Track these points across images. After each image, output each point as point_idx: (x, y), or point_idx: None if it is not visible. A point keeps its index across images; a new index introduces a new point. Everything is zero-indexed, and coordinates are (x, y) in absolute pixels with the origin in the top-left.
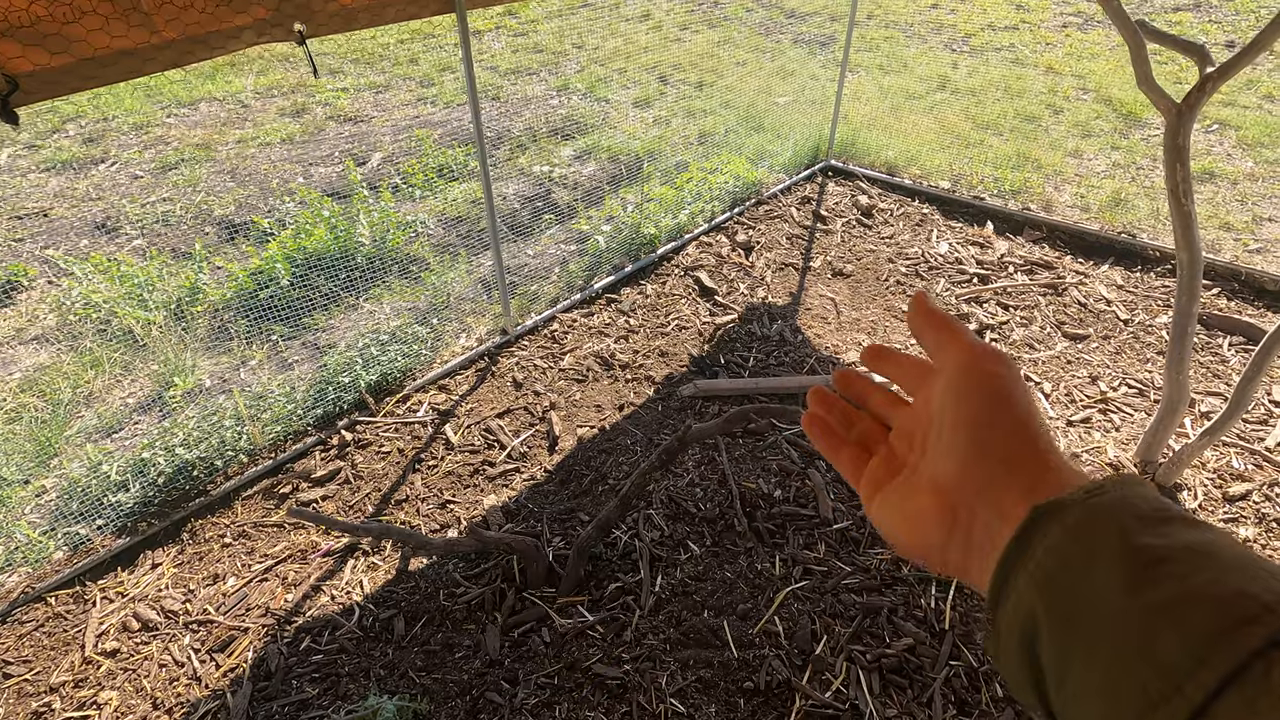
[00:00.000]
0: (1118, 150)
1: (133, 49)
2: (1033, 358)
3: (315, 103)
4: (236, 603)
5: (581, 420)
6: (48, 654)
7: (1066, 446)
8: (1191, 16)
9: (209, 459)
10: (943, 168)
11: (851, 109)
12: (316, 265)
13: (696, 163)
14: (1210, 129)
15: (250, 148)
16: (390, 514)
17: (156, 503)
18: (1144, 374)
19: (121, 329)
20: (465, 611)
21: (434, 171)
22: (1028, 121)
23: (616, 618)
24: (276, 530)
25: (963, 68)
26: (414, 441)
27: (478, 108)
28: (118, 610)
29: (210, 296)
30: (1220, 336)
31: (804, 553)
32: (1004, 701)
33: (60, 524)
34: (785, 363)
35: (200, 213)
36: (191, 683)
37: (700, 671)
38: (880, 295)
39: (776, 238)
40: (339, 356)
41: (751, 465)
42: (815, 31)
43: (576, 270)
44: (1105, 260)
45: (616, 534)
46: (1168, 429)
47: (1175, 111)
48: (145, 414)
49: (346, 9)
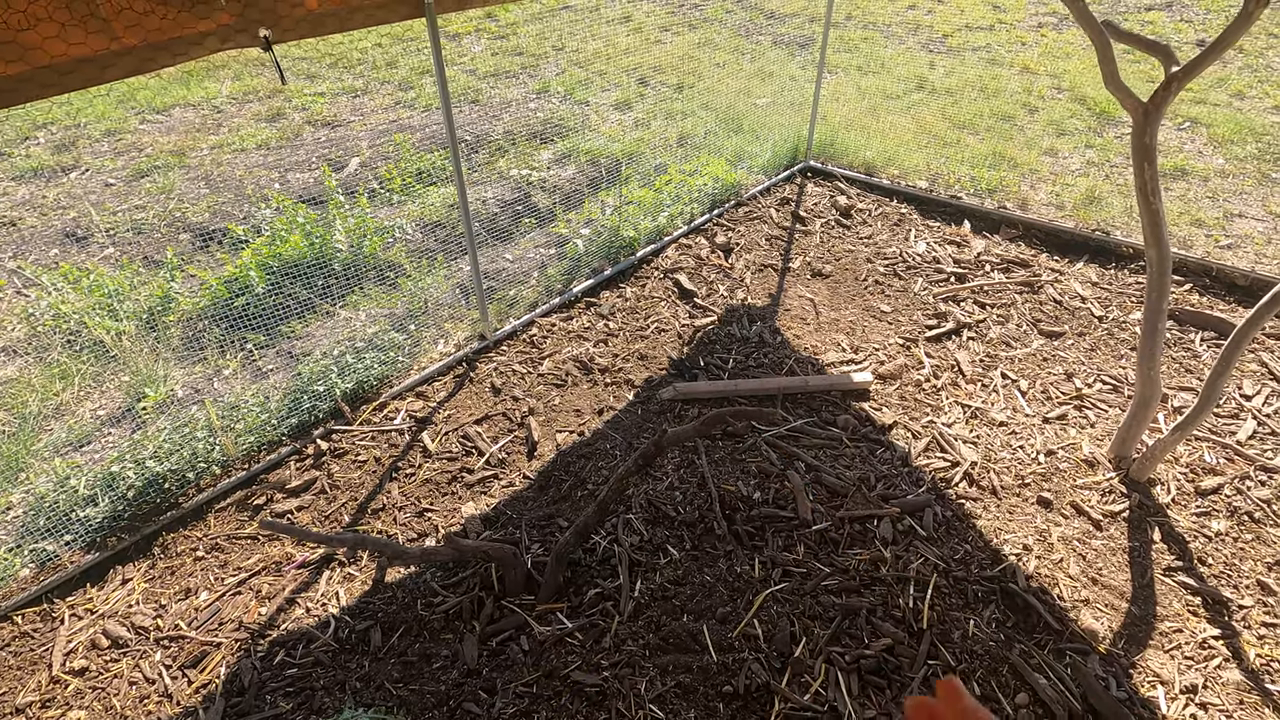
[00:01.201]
0: (1092, 148)
1: (92, 56)
2: (1009, 355)
3: (292, 108)
4: (209, 617)
5: (560, 425)
6: (14, 674)
7: (1043, 444)
8: (1164, 16)
9: (181, 471)
10: (920, 167)
11: (830, 109)
12: (292, 272)
13: (676, 165)
14: (1181, 126)
15: (225, 154)
16: (367, 524)
17: (126, 517)
18: (1118, 370)
19: (91, 340)
20: (443, 621)
21: (412, 176)
22: (1004, 121)
23: (595, 624)
24: (250, 543)
25: (940, 68)
26: (391, 450)
27: (450, 112)
28: (86, 628)
29: (183, 305)
30: (1192, 332)
31: (783, 555)
32: (981, 700)
33: (26, 540)
34: (765, 364)
35: (173, 220)
36: (163, 700)
37: (680, 676)
38: (859, 295)
39: (756, 239)
40: (314, 365)
41: (730, 468)
42: (794, 33)
43: (555, 274)
44: (1080, 258)
45: (596, 539)
46: (1141, 425)
47: (1142, 111)
48: (116, 426)
49: (313, 14)
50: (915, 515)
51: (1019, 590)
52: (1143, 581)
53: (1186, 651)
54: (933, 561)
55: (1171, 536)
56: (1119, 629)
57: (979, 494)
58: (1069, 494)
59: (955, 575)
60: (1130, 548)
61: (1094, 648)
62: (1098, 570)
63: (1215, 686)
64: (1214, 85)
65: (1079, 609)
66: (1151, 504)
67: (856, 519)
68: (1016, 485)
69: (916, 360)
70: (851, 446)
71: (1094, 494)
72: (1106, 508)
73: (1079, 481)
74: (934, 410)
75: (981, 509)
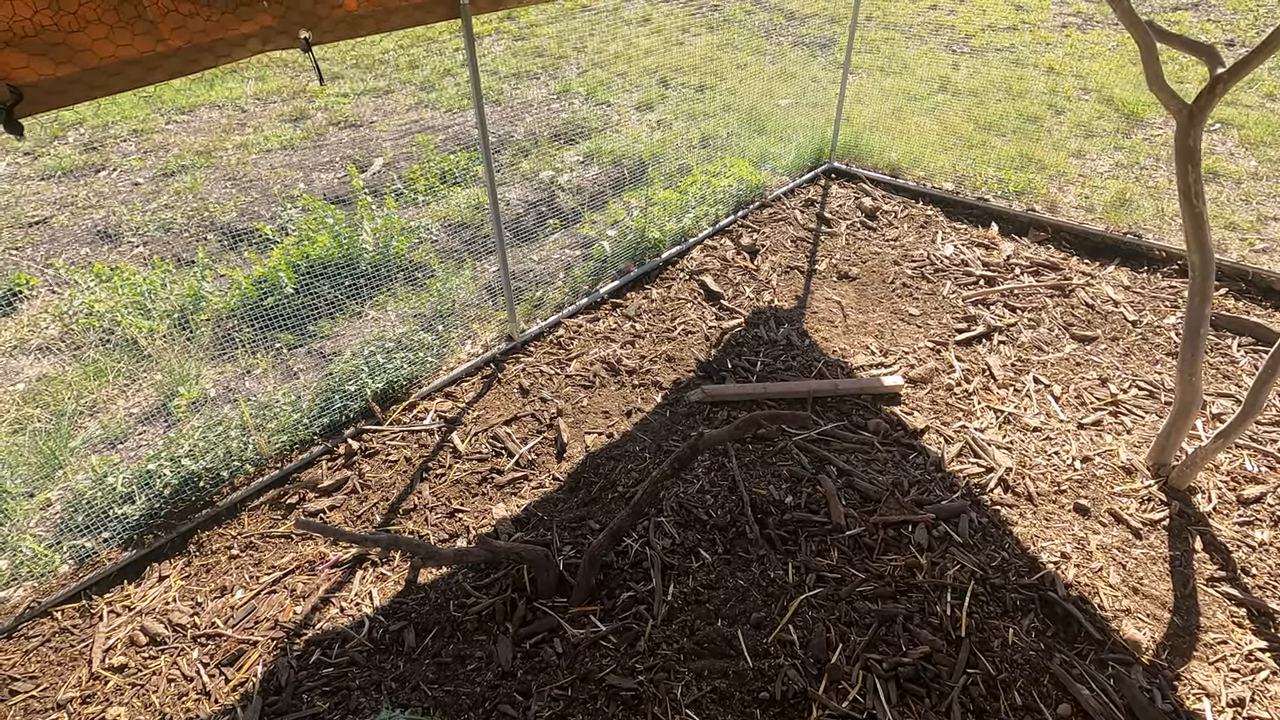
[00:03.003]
0: (1121, 150)
1: (138, 58)
2: (1042, 359)
3: (315, 108)
4: (245, 615)
5: (589, 427)
6: (54, 670)
7: (1079, 450)
8: (1191, 16)
9: (215, 470)
10: (946, 169)
11: (854, 111)
12: (320, 273)
13: (699, 166)
14: (1213, 128)
15: (251, 154)
16: (398, 524)
17: (163, 514)
18: (1154, 375)
19: (125, 338)
20: (476, 622)
21: (436, 177)
22: (1030, 122)
23: (629, 627)
24: (284, 541)
25: (963, 69)
26: (421, 450)
27: (483, 114)
28: (125, 624)
29: (214, 305)
30: (1229, 337)
31: (817, 560)
32: (1023, 710)
33: (66, 537)
34: (793, 367)
35: (202, 220)
36: (200, 698)
37: (715, 681)
38: (887, 298)
39: (781, 241)
40: (345, 365)
41: (762, 471)
42: (815, 34)
43: (581, 275)
44: (1111, 261)
45: (628, 542)
46: (1181, 431)
47: (1186, 113)
48: (150, 425)
49: (352, 15)
50: (950, 521)
51: (1058, 599)
52: (1185, 591)
53: (1232, 664)
54: (970, 568)
55: (1213, 546)
56: (1162, 640)
57: (1015, 500)
58: (1107, 501)
59: (993, 583)
60: (1171, 557)
61: (1137, 658)
62: (1138, 579)
63: (1264, 700)
64: (1245, 86)
65: (1120, 619)
66: (1192, 512)
67: (891, 524)
68: (1053, 492)
69: (947, 364)
70: (883, 451)
71: (1133, 502)
72: (1146, 516)
73: (1117, 489)
74: (966, 415)
75: (1018, 515)
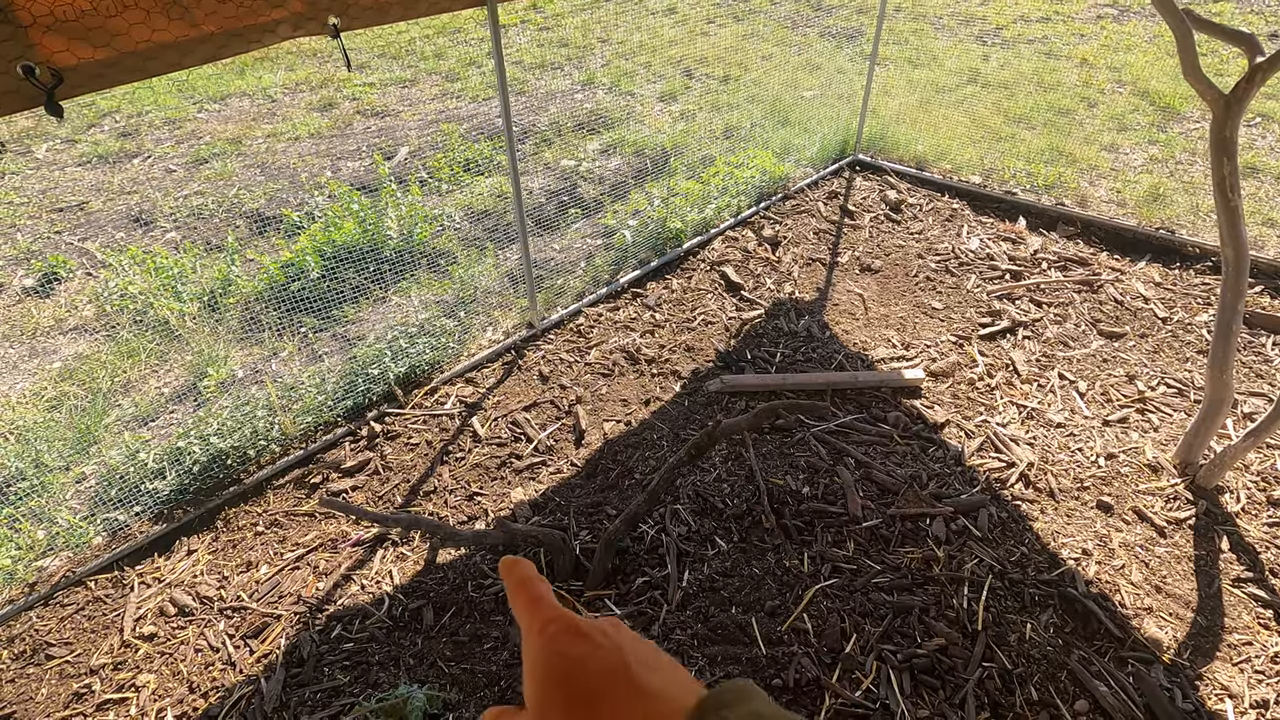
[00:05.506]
0: (1155, 144)
1: (173, 42)
2: (1067, 355)
3: (343, 97)
4: (269, 590)
5: (608, 414)
6: (88, 637)
7: (1103, 447)
8: (1233, 7)
9: (242, 448)
10: (973, 162)
11: (880, 103)
12: (345, 258)
13: (722, 157)
14: (1252, 123)
15: (280, 142)
16: (419, 505)
17: (192, 490)
18: (1183, 373)
19: (157, 320)
20: (493, 603)
21: (460, 166)
22: (1061, 115)
23: (644, 612)
24: (307, 519)
25: (993, 60)
26: (442, 434)
27: (508, 103)
28: (155, 595)
29: (242, 288)
30: (1263, 335)
31: (833, 550)
32: (1038, 705)
33: (99, 510)
34: (813, 359)
35: (232, 206)
36: (226, 668)
37: (728, 668)
38: (909, 291)
39: (803, 233)
40: (368, 349)
41: (779, 461)
42: (842, 25)
43: (602, 264)
44: (1142, 257)
45: (643, 528)
46: (1210, 430)
47: (1223, 103)
48: (180, 403)
49: (379, 2)
50: (969, 515)
51: (1078, 595)
52: (1209, 591)
53: (1257, 665)
54: (988, 563)
55: (1240, 546)
56: (1184, 639)
57: (1036, 496)
58: (1131, 499)
59: (1011, 578)
60: (1196, 556)
61: (1158, 657)
62: (1161, 578)
63: None
64: None
65: (1141, 617)
66: (1219, 512)
67: (908, 517)
68: (1075, 488)
69: (970, 358)
70: (902, 444)
71: (1158, 500)
72: (1171, 514)
73: (1141, 486)
74: (988, 410)
75: (1038, 511)
